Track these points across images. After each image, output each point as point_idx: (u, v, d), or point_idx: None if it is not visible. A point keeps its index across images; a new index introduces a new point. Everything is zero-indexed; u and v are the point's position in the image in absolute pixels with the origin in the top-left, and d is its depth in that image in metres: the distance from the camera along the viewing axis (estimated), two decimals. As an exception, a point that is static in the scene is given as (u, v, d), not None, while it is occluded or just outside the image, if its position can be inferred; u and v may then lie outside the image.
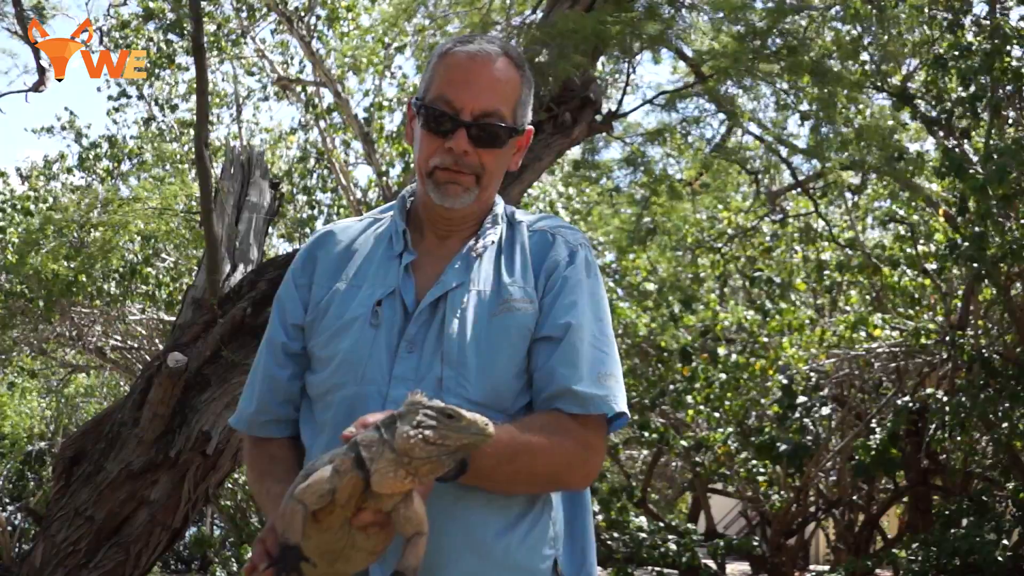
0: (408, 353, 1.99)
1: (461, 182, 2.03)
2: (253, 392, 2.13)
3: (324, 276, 2.11)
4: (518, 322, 2.00)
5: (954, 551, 7.56)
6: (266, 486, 2.02)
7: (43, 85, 6.26)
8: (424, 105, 2.05)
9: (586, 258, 2.10)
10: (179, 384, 5.25)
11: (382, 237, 2.13)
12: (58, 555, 5.19)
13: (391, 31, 11.31)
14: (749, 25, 9.13)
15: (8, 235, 10.07)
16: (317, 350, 2.07)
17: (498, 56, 2.06)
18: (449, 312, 2.00)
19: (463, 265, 2.05)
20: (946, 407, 8.57)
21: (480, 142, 2.02)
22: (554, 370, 1.98)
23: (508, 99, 2.06)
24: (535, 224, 2.14)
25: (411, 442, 1.60)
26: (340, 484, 1.63)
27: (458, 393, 1.95)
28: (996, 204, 7.01)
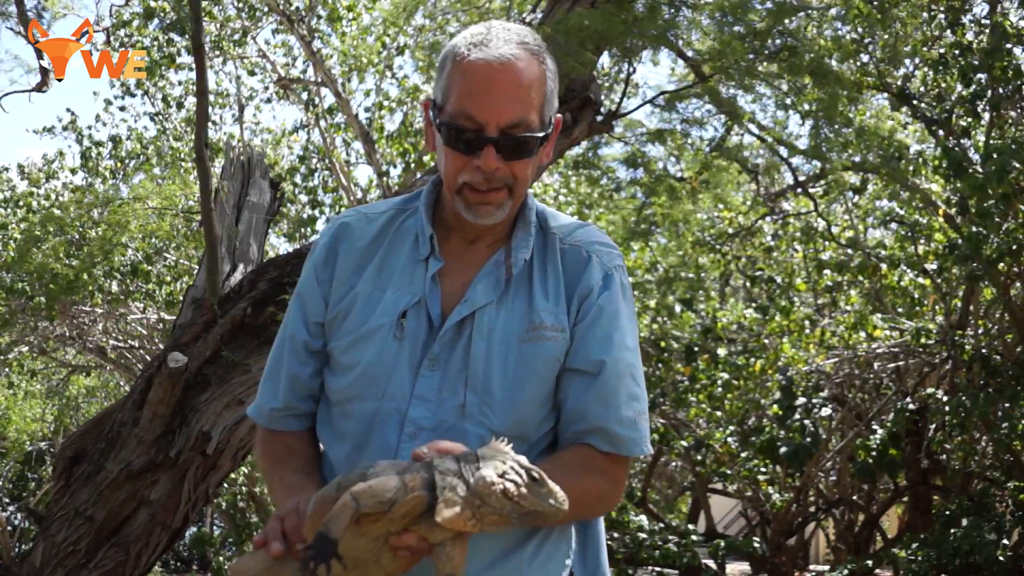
0: (430, 372, 1.91)
1: (492, 201, 1.91)
2: (277, 387, 2.05)
3: (346, 272, 2.01)
4: (547, 352, 1.91)
5: (954, 551, 7.55)
6: (280, 474, 1.98)
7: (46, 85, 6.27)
8: (444, 123, 1.90)
9: (621, 282, 1.99)
10: (179, 384, 5.24)
11: (407, 233, 2.02)
12: (58, 555, 5.19)
13: (391, 30, 11.31)
14: (749, 26, 9.14)
15: (10, 231, 10.08)
16: (337, 354, 1.99)
17: (518, 56, 1.89)
18: (476, 333, 1.91)
19: (492, 281, 1.95)
20: (946, 407, 8.56)
21: (510, 154, 1.89)
22: (588, 408, 1.91)
23: (534, 102, 1.91)
24: (569, 236, 2.01)
25: (491, 488, 1.56)
26: (403, 499, 1.58)
27: (480, 422, 1.89)
28: (995, 203, 7.00)
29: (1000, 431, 8.03)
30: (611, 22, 6.53)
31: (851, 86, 9.26)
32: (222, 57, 11.17)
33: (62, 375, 12.89)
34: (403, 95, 11.96)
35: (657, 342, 11.18)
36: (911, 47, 9.32)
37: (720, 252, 12.44)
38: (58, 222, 9.57)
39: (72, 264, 9.13)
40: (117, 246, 9.40)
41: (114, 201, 9.84)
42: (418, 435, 1.88)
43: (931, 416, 9.21)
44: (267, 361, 2.10)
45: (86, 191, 10.85)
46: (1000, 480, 8.80)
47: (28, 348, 10.58)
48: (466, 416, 1.88)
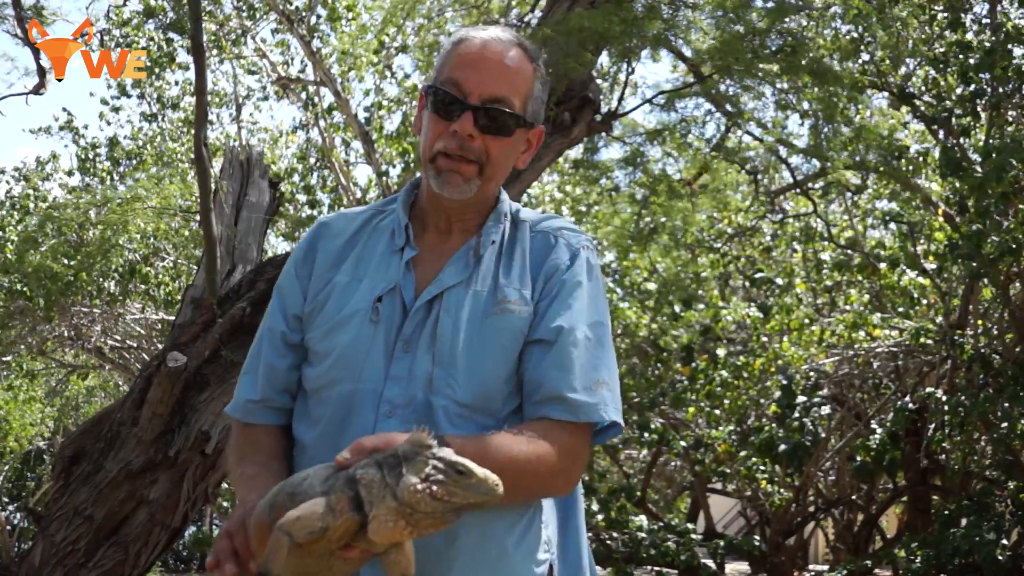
0: (404, 353, 1.95)
1: (462, 172, 1.98)
2: (255, 380, 2.10)
3: (324, 267, 2.07)
4: (511, 324, 1.96)
5: (953, 551, 7.55)
6: (242, 468, 2.00)
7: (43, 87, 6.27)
8: (433, 87, 2.01)
9: (587, 260, 2.04)
10: (178, 384, 5.26)
11: (384, 230, 2.09)
12: (57, 554, 5.21)
13: (390, 29, 11.32)
14: (749, 25, 9.15)
15: (7, 233, 10.09)
16: (314, 344, 2.03)
17: (512, 45, 2.02)
18: (443, 311, 1.96)
19: (462, 264, 2.01)
20: (945, 407, 8.56)
21: (487, 129, 1.98)
22: (545, 374, 1.93)
23: (519, 89, 2.01)
24: (538, 224, 2.09)
25: (417, 496, 1.54)
26: (334, 523, 1.57)
27: (447, 394, 1.92)
28: (995, 202, 7.01)
29: (999, 431, 8.03)
30: (610, 22, 6.55)
31: (851, 85, 9.28)
32: (220, 56, 11.17)
33: (61, 376, 12.90)
34: (402, 95, 11.98)
35: (656, 342, 11.19)
36: (912, 46, 9.33)
37: (719, 252, 12.45)
38: (56, 223, 9.58)
39: (70, 265, 9.14)
40: (115, 246, 9.41)
41: (112, 201, 9.85)
42: (393, 413, 1.92)
43: (930, 416, 9.21)
44: (247, 357, 2.15)
45: (83, 192, 10.86)
46: (999, 480, 8.80)
47: (27, 349, 10.59)
48: (433, 390, 1.92)
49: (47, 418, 13.54)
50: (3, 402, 12.53)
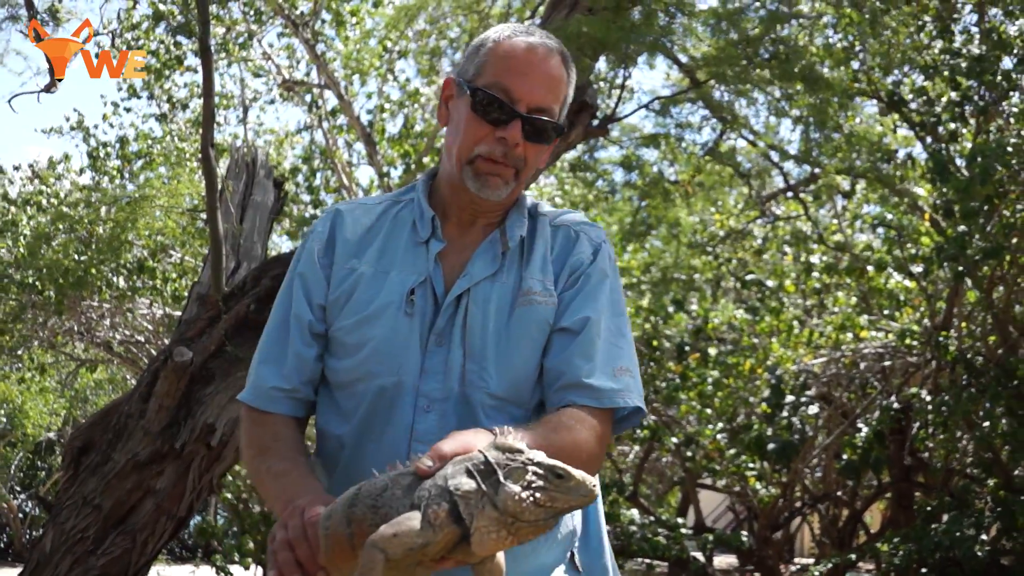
0: (437, 346, 1.92)
1: (502, 175, 1.95)
2: (281, 367, 1.99)
3: (344, 256, 2.01)
4: (538, 315, 1.94)
5: (935, 546, 7.58)
6: (267, 463, 1.92)
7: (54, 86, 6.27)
8: (478, 88, 1.94)
9: (608, 255, 2.03)
10: (184, 377, 5.27)
11: (405, 221, 2.03)
12: (67, 542, 5.21)
13: (393, 34, 11.33)
14: (743, 32, 9.17)
15: (20, 228, 10.09)
16: (342, 335, 1.97)
17: (554, 53, 1.98)
18: (473, 305, 1.93)
19: (490, 257, 1.98)
20: (929, 406, 8.59)
21: (531, 136, 1.94)
22: (569, 362, 1.91)
23: (559, 97, 1.99)
24: (557, 219, 2.06)
25: (522, 506, 1.45)
26: (434, 539, 1.46)
27: (480, 387, 1.91)
28: (980, 205, 7.03)
29: (981, 430, 8.05)
30: (608, 29, 6.57)
31: (842, 92, 9.30)
32: (227, 59, 11.19)
33: (71, 369, 12.91)
34: (404, 98, 11.99)
35: (649, 341, 11.21)
36: (901, 54, 9.37)
37: (712, 254, 12.47)
38: (68, 220, 9.59)
39: (81, 261, 9.15)
40: (124, 243, 9.42)
41: (121, 200, 9.86)
42: (431, 408, 1.90)
43: (915, 415, 9.23)
44: (261, 344, 2.05)
45: (94, 190, 10.87)
46: (980, 477, 8.83)
47: (38, 342, 10.60)
48: (466, 383, 1.90)
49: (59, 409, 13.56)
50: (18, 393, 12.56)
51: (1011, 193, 7.13)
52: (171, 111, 11.69)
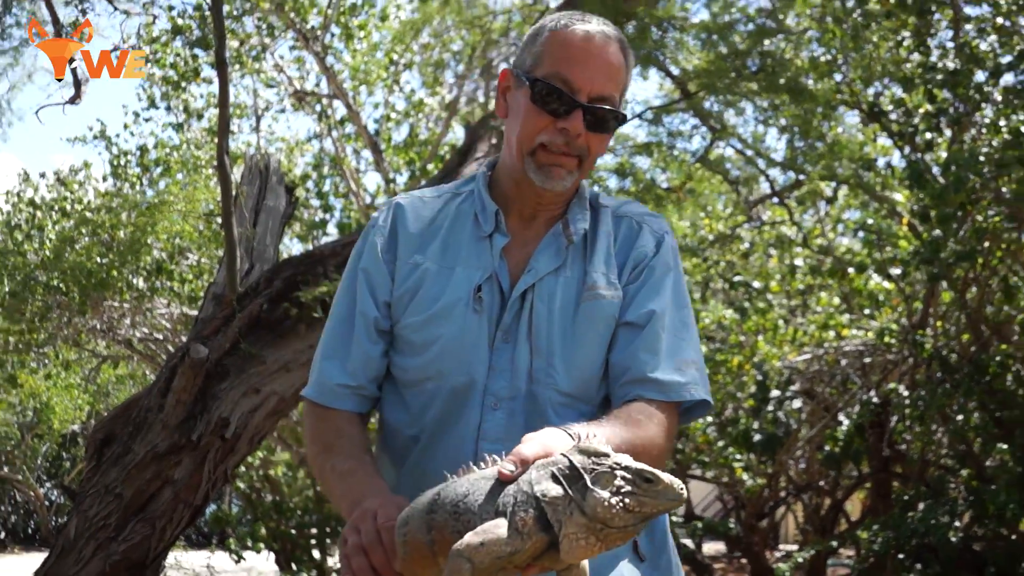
0: (504, 343, 1.83)
1: (565, 165, 1.84)
2: (345, 364, 1.88)
3: (407, 251, 1.90)
4: (603, 310, 1.85)
5: (911, 532, 7.62)
6: (332, 461, 1.82)
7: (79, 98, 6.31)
8: (538, 80, 1.83)
9: (671, 246, 1.94)
10: (200, 373, 5.30)
11: (466, 215, 1.92)
12: (90, 528, 5.25)
13: (399, 47, 11.37)
14: (732, 46, 9.22)
15: (46, 233, 10.13)
16: (409, 333, 1.87)
17: (613, 40, 1.87)
18: (538, 301, 1.84)
19: (553, 251, 1.88)
20: (907, 401, 8.63)
21: (593, 126, 1.83)
22: (635, 356, 1.82)
23: (619, 85, 1.87)
24: (620, 210, 1.96)
25: (612, 511, 1.35)
26: (522, 548, 1.36)
27: (548, 384, 1.82)
28: (954, 211, 7.08)
29: (955, 423, 8.09)
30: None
31: (825, 103, 9.34)
32: (241, 71, 11.23)
33: (94, 365, 12.95)
34: (409, 108, 12.03)
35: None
36: (881, 67, 9.41)
37: (702, 257, 12.50)
38: (90, 224, 9.63)
39: (103, 263, 9.19)
40: (144, 247, 9.45)
41: (141, 205, 9.90)
42: (499, 406, 1.81)
43: (893, 409, 9.27)
44: (324, 340, 1.94)
45: (115, 196, 10.91)
46: (954, 468, 8.87)
47: (63, 340, 10.64)
48: (534, 381, 1.81)
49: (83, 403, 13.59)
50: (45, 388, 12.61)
51: (983, 200, 7.17)
52: (187, 120, 11.72)
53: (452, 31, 11.05)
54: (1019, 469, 7.36)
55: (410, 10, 11.47)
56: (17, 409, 13.76)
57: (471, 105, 11.45)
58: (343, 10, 11.10)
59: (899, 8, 7.73)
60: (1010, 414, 7.48)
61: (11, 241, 10.17)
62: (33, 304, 9.32)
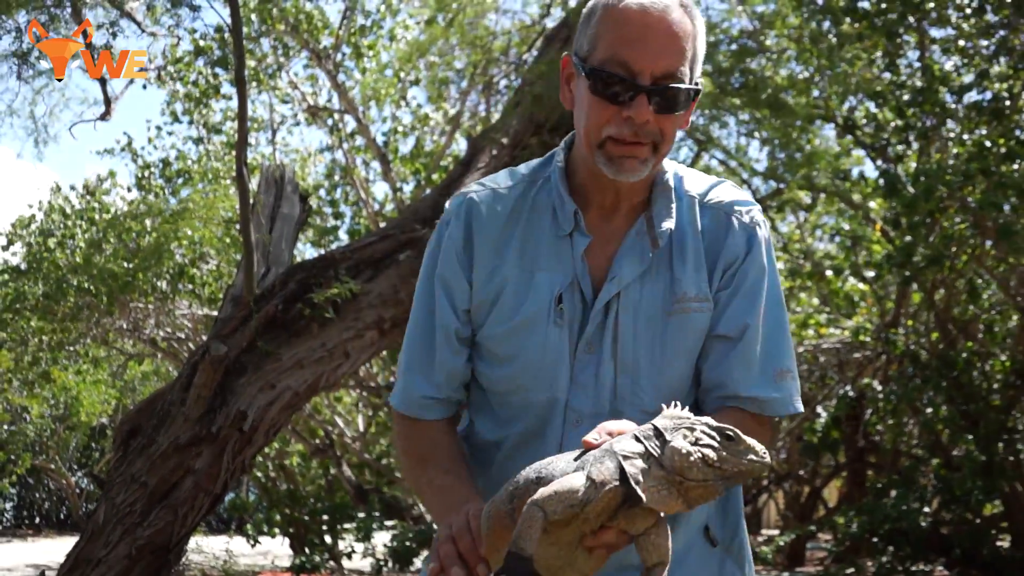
0: (587, 354, 1.61)
1: (638, 155, 1.56)
2: (430, 376, 1.69)
3: (485, 254, 1.65)
4: (694, 324, 1.61)
5: (884, 518, 7.63)
6: (428, 475, 1.64)
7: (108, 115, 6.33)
8: (593, 69, 1.56)
9: (764, 240, 1.66)
10: (220, 370, 5.32)
11: (543, 208, 1.66)
12: (117, 515, 5.26)
13: (406, 66, 11.40)
14: (716, 64, 9.24)
15: (76, 240, 10.15)
16: (492, 344, 1.66)
17: (673, 6, 1.56)
18: (623, 312, 1.60)
19: (637, 255, 1.62)
20: (880, 395, 8.66)
21: (661, 108, 1.55)
22: (730, 371, 1.60)
23: (687, 56, 1.57)
24: (707, 198, 1.66)
25: (690, 460, 1.24)
26: (595, 496, 1.25)
27: (633, 402, 1.60)
28: (923, 219, 7.10)
29: (925, 416, 8.11)
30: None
31: (803, 117, 9.37)
32: (259, 88, 11.25)
33: (120, 362, 12.97)
34: (415, 122, 12.04)
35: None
36: (855, 84, 9.44)
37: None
38: (117, 231, 9.65)
39: (129, 267, 9.21)
40: (167, 252, 9.47)
41: (164, 213, 9.92)
42: (581, 422, 1.60)
43: (867, 403, 9.30)
44: (406, 349, 1.73)
45: (140, 204, 10.94)
46: (924, 457, 8.89)
47: (92, 339, 10.65)
48: (619, 398, 1.61)
49: (111, 397, 13.61)
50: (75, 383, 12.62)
51: (950, 208, 7.19)
52: (208, 135, 11.75)
53: (456, 51, 11.07)
54: (984, 458, 7.38)
55: (417, 31, 11.50)
56: (50, 403, 13.78)
57: (474, 119, 11.46)
58: (354, 31, 11.13)
59: (870, 30, 7.75)
60: (976, 407, 7.50)
61: (44, 248, 10.19)
62: (65, 305, 9.34)
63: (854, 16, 7.83)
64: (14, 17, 6.62)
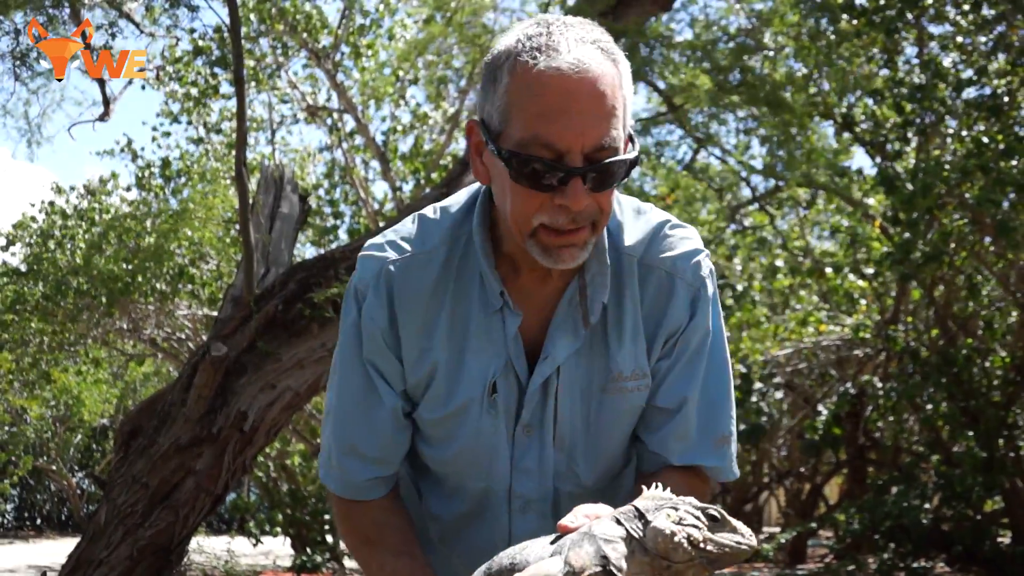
0: (525, 437, 1.50)
1: (577, 242, 1.36)
2: (366, 461, 1.53)
3: (412, 334, 1.48)
4: (630, 403, 1.49)
5: (885, 515, 7.64)
6: (379, 559, 1.51)
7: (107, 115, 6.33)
8: (512, 154, 1.32)
9: (711, 297, 1.51)
10: (220, 370, 5.33)
11: (470, 279, 1.47)
12: (119, 515, 5.27)
13: (404, 65, 11.41)
14: (715, 62, 9.25)
15: (76, 241, 10.16)
16: (427, 428, 1.53)
17: (594, 61, 1.31)
18: (561, 390, 1.48)
19: (571, 329, 1.46)
20: (880, 392, 8.66)
21: (598, 185, 1.33)
22: (666, 442, 1.49)
23: (618, 113, 1.33)
24: (647, 256, 1.48)
25: (674, 541, 1.16)
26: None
27: (570, 479, 1.52)
28: (921, 215, 7.11)
29: (925, 412, 8.11)
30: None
31: (802, 115, 9.37)
32: (257, 87, 11.25)
33: (121, 363, 12.98)
34: (414, 121, 12.05)
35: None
36: (854, 81, 9.44)
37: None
38: (117, 232, 9.66)
39: (129, 268, 9.22)
40: (167, 252, 9.48)
41: (164, 213, 9.93)
42: (528, 508, 1.52)
43: (868, 400, 9.31)
44: (336, 429, 1.55)
45: (140, 205, 10.94)
46: (925, 454, 8.89)
47: (92, 339, 10.67)
48: (557, 476, 1.51)
49: (111, 398, 13.63)
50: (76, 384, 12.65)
51: (948, 205, 7.20)
52: (207, 135, 11.75)
53: (454, 49, 11.07)
54: (984, 455, 7.39)
55: (415, 30, 11.50)
56: (51, 404, 13.80)
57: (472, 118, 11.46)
58: (353, 31, 11.13)
59: (869, 27, 7.75)
60: (976, 403, 7.50)
61: (44, 249, 10.20)
62: (65, 307, 9.36)
63: (852, 13, 7.84)
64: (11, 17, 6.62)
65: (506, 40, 1.36)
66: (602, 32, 1.36)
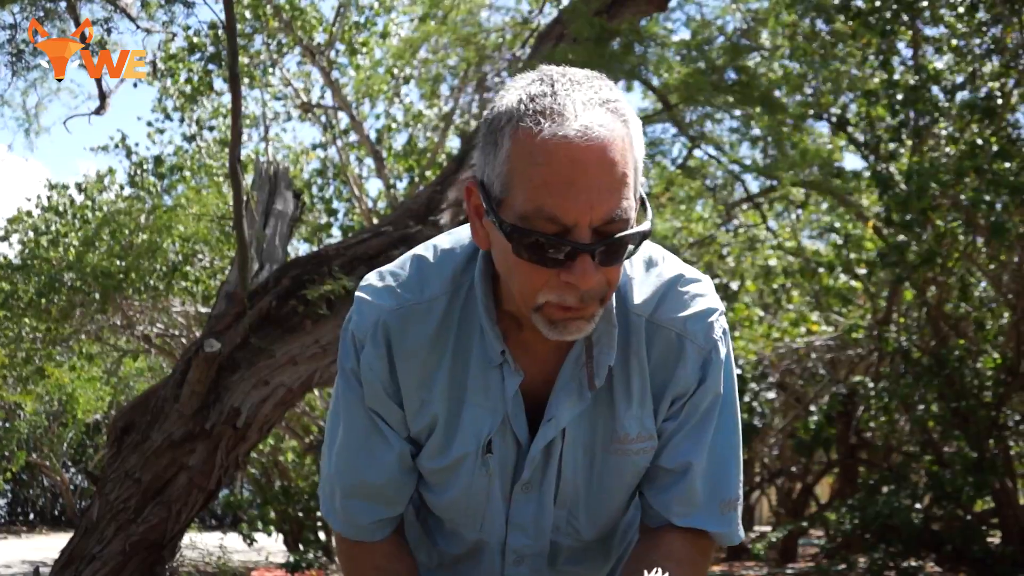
0: (523, 494, 1.47)
1: (585, 315, 1.28)
2: (374, 503, 1.50)
3: (412, 385, 1.43)
4: (635, 463, 1.45)
5: (876, 514, 7.66)
6: None
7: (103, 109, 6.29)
8: (515, 228, 1.23)
9: (724, 359, 1.44)
10: (214, 366, 5.31)
11: (471, 332, 1.41)
12: (111, 511, 5.26)
13: (399, 62, 11.40)
14: (709, 61, 9.25)
15: (70, 238, 10.14)
16: (426, 475, 1.51)
17: (604, 124, 1.21)
18: (565, 451, 1.44)
19: (575, 390, 1.40)
20: (872, 392, 8.67)
21: (607, 260, 1.24)
22: (670, 504, 1.45)
23: (629, 179, 1.23)
24: (656, 315, 1.40)
25: None
26: None
27: (569, 534, 1.50)
28: (916, 217, 7.12)
29: (917, 413, 8.14)
30: (591, 57, 6.64)
31: (796, 115, 9.38)
32: (252, 84, 11.23)
33: (115, 359, 12.96)
34: (409, 119, 12.04)
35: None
36: (848, 82, 9.46)
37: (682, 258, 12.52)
38: (110, 228, 9.64)
39: (122, 264, 9.21)
40: (160, 249, 9.47)
41: (158, 210, 9.91)
42: (522, 562, 1.51)
43: (859, 400, 9.31)
44: (341, 473, 1.51)
45: (134, 201, 10.92)
46: (916, 454, 8.92)
47: (86, 335, 10.65)
48: (554, 530, 1.49)
49: (105, 394, 13.61)
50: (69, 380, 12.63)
51: (942, 206, 7.21)
52: (200, 131, 11.73)
53: (448, 48, 11.06)
54: (975, 455, 7.41)
55: (409, 28, 11.49)
56: (44, 400, 13.77)
57: (466, 116, 11.47)
58: (347, 28, 11.12)
59: (864, 28, 7.77)
60: (967, 404, 7.52)
61: (37, 246, 10.17)
62: (58, 303, 9.34)
63: (847, 14, 7.85)
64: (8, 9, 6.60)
65: (507, 99, 1.26)
66: (611, 89, 1.25)
